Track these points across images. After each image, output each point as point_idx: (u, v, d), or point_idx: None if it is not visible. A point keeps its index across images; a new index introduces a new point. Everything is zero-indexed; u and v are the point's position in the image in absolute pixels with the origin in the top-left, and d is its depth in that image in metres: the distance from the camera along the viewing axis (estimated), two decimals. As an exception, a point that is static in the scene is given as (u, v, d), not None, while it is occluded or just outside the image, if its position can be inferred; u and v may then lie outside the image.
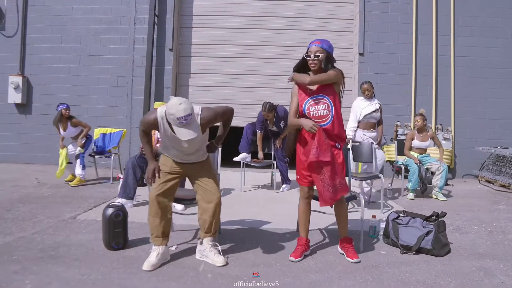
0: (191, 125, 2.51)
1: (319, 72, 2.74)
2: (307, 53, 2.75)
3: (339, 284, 2.43)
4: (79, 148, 5.55)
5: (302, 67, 2.83)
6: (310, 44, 2.78)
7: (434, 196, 5.31)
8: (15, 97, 7.51)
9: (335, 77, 2.74)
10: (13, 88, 7.47)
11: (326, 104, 2.73)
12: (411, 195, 5.28)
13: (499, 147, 6.66)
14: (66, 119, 5.67)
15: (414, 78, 7.40)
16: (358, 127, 4.87)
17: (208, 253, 2.72)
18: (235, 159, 5.47)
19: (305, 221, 2.95)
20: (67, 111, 5.65)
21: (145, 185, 5.11)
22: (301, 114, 2.80)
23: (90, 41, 7.62)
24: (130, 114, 7.42)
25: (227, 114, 2.83)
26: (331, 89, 2.76)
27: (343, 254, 2.91)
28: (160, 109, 2.64)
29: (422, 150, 5.48)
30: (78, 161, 5.50)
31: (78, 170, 5.49)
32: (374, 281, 2.48)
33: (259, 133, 5.54)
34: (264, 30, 7.79)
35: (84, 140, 5.65)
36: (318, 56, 2.69)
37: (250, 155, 5.58)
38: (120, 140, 6.19)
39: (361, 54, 7.45)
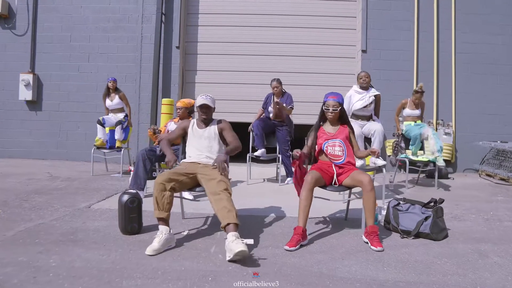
0: (208, 101, 3.33)
1: (335, 120, 3.37)
2: (324, 105, 3.33)
3: (342, 263, 2.59)
4: (120, 115, 6.29)
5: (321, 116, 3.43)
6: (326, 97, 3.36)
7: (426, 158, 5.57)
8: (25, 94, 7.71)
9: None
10: (24, 85, 7.68)
11: (341, 147, 3.29)
12: (413, 157, 5.68)
13: (498, 142, 6.79)
14: (114, 91, 6.31)
15: (415, 74, 7.54)
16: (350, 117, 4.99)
17: (230, 244, 2.53)
18: (254, 154, 5.62)
19: (305, 208, 2.95)
20: (112, 83, 6.29)
21: (154, 178, 5.31)
22: (319, 150, 3.35)
23: (99, 39, 7.81)
24: (138, 110, 7.60)
25: (236, 139, 3.42)
26: (345, 134, 3.34)
27: (367, 242, 2.97)
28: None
29: (414, 118, 5.80)
30: (119, 127, 6.18)
31: (118, 135, 6.18)
32: (375, 261, 2.64)
33: (260, 109, 5.95)
34: (268, 27, 7.95)
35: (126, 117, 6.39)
36: (336, 109, 3.30)
37: (265, 150, 5.71)
38: (128, 135, 6.36)
39: (363, 51, 7.59)
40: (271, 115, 5.74)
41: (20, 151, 7.78)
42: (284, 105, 5.53)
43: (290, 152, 5.79)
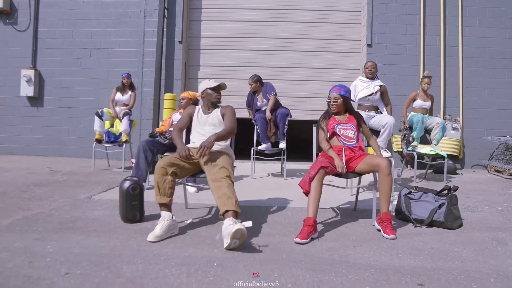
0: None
1: (340, 112, 3.30)
2: (328, 97, 3.29)
3: (354, 250, 2.47)
4: (123, 108, 6.23)
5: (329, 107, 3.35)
6: (330, 90, 3.30)
7: (432, 151, 5.42)
8: (27, 90, 7.61)
9: None
10: (25, 81, 7.58)
11: (352, 131, 3.22)
12: (415, 143, 5.49)
13: (508, 136, 6.64)
14: (128, 87, 6.34)
15: (422, 69, 7.39)
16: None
17: (228, 228, 2.38)
18: (259, 148, 5.50)
19: (316, 198, 2.76)
20: (126, 80, 6.31)
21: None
22: (331, 134, 3.21)
23: (101, 35, 7.72)
24: (140, 106, 7.49)
25: (232, 123, 3.25)
26: (355, 122, 3.27)
27: (379, 230, 2.85)
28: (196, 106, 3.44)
29: (424, 110, 5.71)
30: (125, 118, 6.05)
31: (124, 126, 6.03)
32: (388, 248, 2.51)
33: (248, 110, 5.87)
34: (271, 22, 7.84)
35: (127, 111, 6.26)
36: (336, 101, 3.23)
37: (271, 144, 5.57)
38: (131, 129, 6.25)
39: (369, 46, 7.47)
40: (263, 108, 5.61)
41: (21, 148, 7.68)
42: (268, 95, 5.53)
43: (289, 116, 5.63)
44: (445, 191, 3.15)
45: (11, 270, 1.99)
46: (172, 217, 2.71)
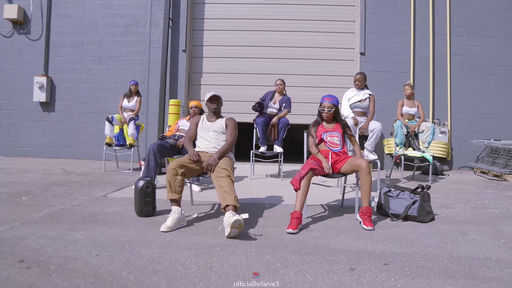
0: (216, 93, 3.75)
1: (330, 119, 3.72)
2: (320, 106, 3.69)
3: (336, 238, 2.91)
4: (130, 114, 6.66)
5: (319, 116, 3.78)
6: (322, 99, 3.72)
7: (420, 154, 5.80)
8: (39, 96, 8.09)
9: None
10: (38, 87, 8.06)
11: (338, 138, 3.66)
12: (400, 151, 5.90)
13: (491, 140, 7.08)
14: (135, 94, 6.77)
15: (412, 76, 7.85)
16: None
17: (228, 220, 2.83)
18: (259, 150, 5.93)
19: (303, 194, 3.22)
20: (134, 87, 6.76)
21: (164, 173, 5.64)
22: (320, 139, 3.66)
23: (109, 44, 8.19)
24: (146, 111, 7.95)
25: (232, 136, 3.71)
26: (341, 130, 3.70)
27: (360, 222, 3.30)
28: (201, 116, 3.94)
29: (411, 116, 6.14)
30: (131, 123, 6.48)
31: (131, 130, 6.48)
32: (365, 238, 2.95)
33: (258, 100, 6.20)
34: (270, 32, 8.31)
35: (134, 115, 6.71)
36: (331, 110, 3.65)
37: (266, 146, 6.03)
38: (139, 133, 6.70)
39: (362, 54, 7.92)
40: (269, 110, 6.06)
41: (34, 150, 8.15)
42: (283, 106, 6.01)
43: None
44: (419, 189, 3.59)
45: (51, 252, 2.44)
46: (181, 211, 3.16)
